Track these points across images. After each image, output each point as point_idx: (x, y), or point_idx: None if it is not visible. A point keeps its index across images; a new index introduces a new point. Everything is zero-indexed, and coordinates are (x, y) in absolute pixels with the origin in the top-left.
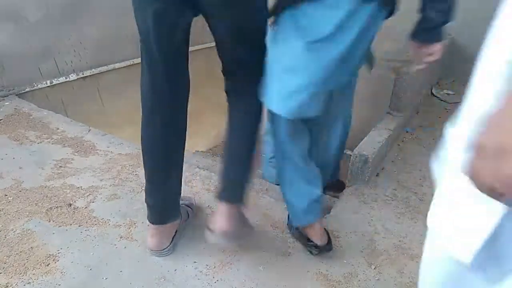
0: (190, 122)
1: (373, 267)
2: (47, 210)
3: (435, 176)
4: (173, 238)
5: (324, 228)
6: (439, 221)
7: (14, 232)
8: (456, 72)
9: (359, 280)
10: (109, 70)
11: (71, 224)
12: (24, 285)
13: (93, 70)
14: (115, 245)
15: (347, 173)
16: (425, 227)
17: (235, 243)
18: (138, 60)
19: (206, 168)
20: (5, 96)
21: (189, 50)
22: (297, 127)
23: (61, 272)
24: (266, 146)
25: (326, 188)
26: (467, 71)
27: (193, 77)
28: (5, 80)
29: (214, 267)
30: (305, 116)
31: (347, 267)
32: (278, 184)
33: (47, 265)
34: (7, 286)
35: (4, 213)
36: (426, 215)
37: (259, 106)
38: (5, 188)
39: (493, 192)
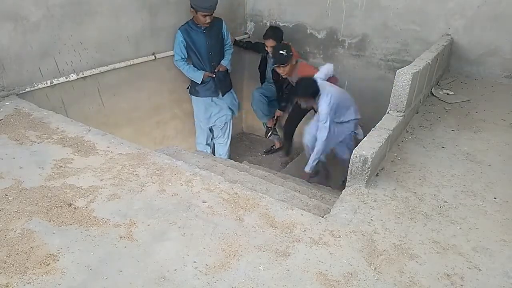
0: (190, 122)
1: (373, 267)
2: (47, 210)
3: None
4: None
5: None
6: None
7: (14, 232)
8: (456, 72)
9: (359, 280)
10: (109, 70)
11: (71, 224)
12: (24, 285)
13: (93, 70)
14: (115, 245)
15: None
16: (424, 226)
17: None
18: (138, 60)
19: (206, 168)
20: (5, 96)
21: None
22: None
23: (61, 272)
24: None
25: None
26: (467, 71)
27: None
28: (6, 80)
29: (214, 267)
30: None
31: (347, 267)
32: None
33: (47, 265)
34: (7, 286)
35: (4, 213)
36: (426, 215)
37: None
38: (5, 188)
39: None
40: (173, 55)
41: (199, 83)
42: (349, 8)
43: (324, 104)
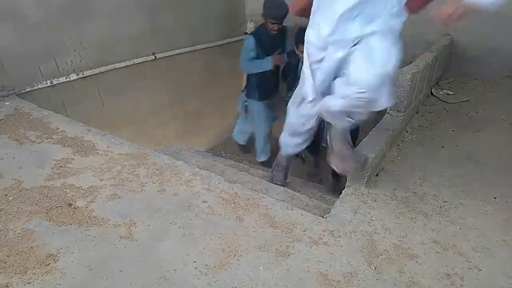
0: (190, 122)
1: (373, 267)
2: (47, 210)
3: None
4: None
5: None
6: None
7: (14, 232)
8: (456, 72)
9: (359, 280)
10: (109, 70)
11: (71, 224)
12: (24, 285)
13: (93, 70)
14: (115, 245)
15: None
16: (424, 226)
17: None
18: (138, 60)
19: (206, 168)
20: (5, 96)
21: (190, 50)
22: None
23: (61, 272)
24: None
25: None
26: (467, 71)
27: (193, 77)
28: (6, 80)
29: (214, 267)
30: None
31: (347, 267)
32: None
33: (47, 265)
34: (7, 286)
35: (4, 213)
36: (426, 215)
37: None
38: (5, 188)
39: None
40: (239, 61)
41: (271, 67)
42: None
43: None
